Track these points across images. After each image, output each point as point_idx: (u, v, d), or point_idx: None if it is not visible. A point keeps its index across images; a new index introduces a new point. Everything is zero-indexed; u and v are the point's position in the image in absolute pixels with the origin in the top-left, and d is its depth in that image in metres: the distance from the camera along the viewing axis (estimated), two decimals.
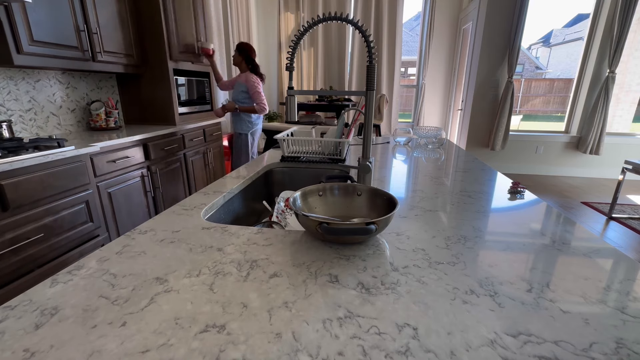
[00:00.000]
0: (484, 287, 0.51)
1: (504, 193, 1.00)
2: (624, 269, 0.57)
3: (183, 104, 2.81)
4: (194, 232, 0.71)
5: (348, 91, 0.84)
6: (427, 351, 0.39)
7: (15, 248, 1.41)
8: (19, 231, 1.42)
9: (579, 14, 19.03)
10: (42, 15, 1.75)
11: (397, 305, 0.47)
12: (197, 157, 2.88)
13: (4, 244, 1.36)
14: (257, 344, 0.40)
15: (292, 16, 4.97)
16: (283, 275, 0.54)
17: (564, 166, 4.40)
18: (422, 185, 1.07)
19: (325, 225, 0.60)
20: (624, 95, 4.96)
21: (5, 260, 1.37)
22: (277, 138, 1.38)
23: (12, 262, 1.40)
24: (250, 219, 1.20)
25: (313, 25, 0.81)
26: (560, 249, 0.64)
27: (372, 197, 0.81)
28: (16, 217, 1.41)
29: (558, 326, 0.43)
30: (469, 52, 4.34)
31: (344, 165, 1.36)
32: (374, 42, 5.10)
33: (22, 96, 1.99)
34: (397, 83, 4.96)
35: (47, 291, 0.50)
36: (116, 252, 0.62)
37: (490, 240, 0.68)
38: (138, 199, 2.18)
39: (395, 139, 1.93)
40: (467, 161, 1.43)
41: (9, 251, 1.38)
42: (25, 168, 1.43)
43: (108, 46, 2.21)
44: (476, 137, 4.37)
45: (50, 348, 0.39)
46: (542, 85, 14.03)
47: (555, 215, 0.82)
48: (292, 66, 0.85)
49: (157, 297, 0.49)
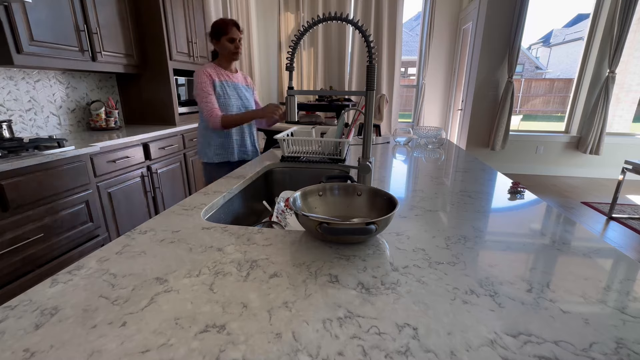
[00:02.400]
0: (484, 287, 0.51)
1: (504, 193, 1.00)
2: (624, 269, 0.57)
3: (183, 104, 2.81)
4: (194, 232, 0.71)
5: (348, 91, 0.84)
6: (427, 351, 0.39)
7: (16, 248, 1.41)
8: (19, 231, 1.42)
9: (579, 14, 19.04)
10: (42, 15, 1.75)
11: (397, 305, 0.47)
12: (197, 157, 2.88)
13: (4, 244, 1.36)
14: (257, 344, 0.40)
15: (292, 16, 4.97)
16: (283, 275, 0.54)
17: (564, 166, 4.40)
18: (422, 185, 1.07)
19: (325, 225, 0.60)
20: (624, 95, 4.96)
21: (5, 261, 1.37)
22: (277, 138, 1.38)
23: (13, 262, 1.40)
24: (250, 219, 1.20)
25: (313, 25, 0.81)
26: (560, 249, 0.64)
27: (372, 197, 0.81)
28: (16, 217, 1.41)
29: (558, 326, 0.43)
30: (469, 52, 4.34)
31: (344, 165, 1.36)
32: (374, 42, 5.07)
33: (22, 96, 1.99)
34: (397, 83, 4.96)
35: (47, 291, 0.50)
36: (116, 252, 0.62)
37: (490, 240, 0.68)
38: (138, 199, 2.18)
39: (395, 139, 1.92)
40: (467, 161, 1.43)
41: (9, 251, 1.38)
42: (25, 168, 1.43)
43: (108, 46, 2.21)
44: (476, 137, 4.37)
45: (50, 348, 0.39)
46: (542, 85, 14.03)
47: (555, 215, 0.82)
48: (292, 66, 0.85)
49: (157, 297, 0.49)
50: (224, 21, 1.58)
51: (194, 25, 2.89)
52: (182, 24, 2.70)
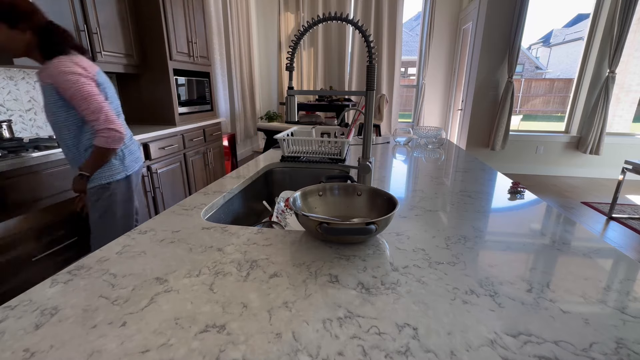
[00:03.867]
0: (484, 287, 0.51)
1: (504, 193, 1.00)
2: (624, 269, 0.57)
3: (183, 104, 2.81)
4: (194, 232, 0.71)
5: (348, 91, 0.84)
6: (427, 351, 0.39)
7: (16, 248, 1.41)
8: (18, 231, 1.42)
9: (579, 14, 19.03)
10: None
11: (397, 305, 0.47)
12: (197, 157, 2.88)
13: (4, 244, 1.36)
14: (257, 344, 0.40)
15: (292, 16, 4.97)
16: (283, 275, 0.54)
17: (564, 166, 4.40)
18: (422, 185, 1.07)
19: (325, 225, 0.60)
20: (624, 95, 4.96)
21: (5, 260, 1.37)
22: (277, 138, 1.38)
23: (13, 262, 1.40)
24: (250, 219, 1.20)
25: (313, 25, 0.81)
26: (560, 249, 0.64)
27: (372, 197, 0.81)
28: (16, 218, 1.41)
29: (558, 326, 0.43)
30: (469, 52, 4.34)
31: (344, 165, 1.36)
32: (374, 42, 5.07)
33: (22, 96, 1.99)
34: (397, 83, 4.96)
35: (47, 291, 0.50)
36: (116, 252, 0.62)
37: (490, 240, 0.68)
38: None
39: (395, 139, 1.92)
40: (467, 161, 1.43)
41: (8, 251, 1.38)
42: (25, 168, 1.43)
43: (108, 46, 2.21)
44: (476, 137, 4.37)
45: (50, 348, 0.39)
46: (542, 85, 14.02)
47: (555, 215, 0.82)
48: (292, 66, 0.85)
49: (157, 297, 0.49)
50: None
51: (194, 25, 2.89)
52: (182, 24, 2.70)
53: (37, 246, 1.50)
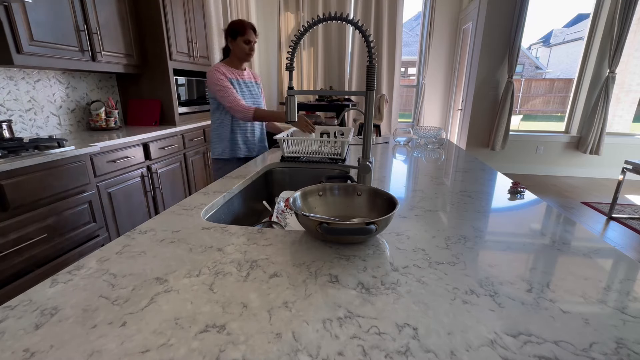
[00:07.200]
0: (484, 287, 0.51)
1: (504, 193, 1.00)
2: (624, 269, 0.57)
3: (183, 104, 2.81)
4: (194, 232, 0.71)
5: (348, 91, 0.84)
6: (427, 351, 0.39)
7: (16, 249, 1.41)
8: (18, 232, 1.42)
9: (579, 14, 19.03)
10: (42, 15, 1.75)
11: (397, 305, 0.47)
12: (197, 157, 2.88)
13: (4, 244, 1.36)
14: (257, 344, 0.40)
15: (292, 16, 4.97)
16: (283, 275, 0.54)
17: (564, 166, 4.40)
18: (422, 185, 1.07)
19: (325, 225, 0.60)
20: (624, 95, 4.96)
21: (5, 261, 1.37)
22: (277, 138, 1.38)
23: (13, 262, 1.40)
24: (250, 219, 1.20)
25: (313, 25, 0.81)
26: (560, 249, 0.64)
27: (372, 197, 0.81)
28: (16, 218, 1.41)
29: (558, 326, 0.43)
30: (469, 52, 4.34)
31: (344, 165, 1.36)
32: (374, 42, 5.07)
33: (22, 96, 1.99)
34: (397, 83, 4.96)
35: (47, 291, 0.50)
36: (116, 252, 0.62)
37: (490, 240, 0.68)
38: (138, 199, 2.18)
39: (395, 139, 1.92)
40: (467, 161, 1.43)
41: (9, 251, 1.38)
42: (25, 168, 1.43)
43: (108, 46, 2.21)
44: (476, 137, 4.37)
45: (50, 348, 0.39)
46: (542, 85, 14.02)
47: (555, 215, 0.82)
48: (292, 66, 0.85)
49: (157, 297, 0.49)
50: (243, 22, 1.64)
51: (194, 25, 2.89)
52: (182, 24, 2.70)
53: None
